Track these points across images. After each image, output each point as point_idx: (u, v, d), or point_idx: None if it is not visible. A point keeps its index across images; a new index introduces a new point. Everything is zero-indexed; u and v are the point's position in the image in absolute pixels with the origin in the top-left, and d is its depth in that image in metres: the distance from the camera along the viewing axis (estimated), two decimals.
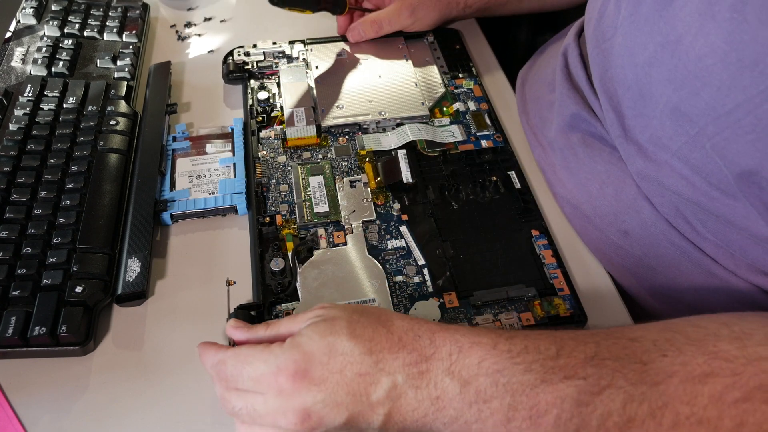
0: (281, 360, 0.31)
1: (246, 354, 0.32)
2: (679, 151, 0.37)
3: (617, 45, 0.41)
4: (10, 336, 0.38)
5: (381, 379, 0.30)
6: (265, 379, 0.31)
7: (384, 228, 0.46)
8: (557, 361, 0.30)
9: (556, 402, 0.29)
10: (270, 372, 0.31)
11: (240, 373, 0.32)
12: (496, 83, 0.61)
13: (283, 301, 0.42)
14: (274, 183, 0.49)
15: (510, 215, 0.47)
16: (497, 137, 0.53)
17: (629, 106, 0.40)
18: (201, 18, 0.67)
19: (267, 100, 0.56)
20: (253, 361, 0.32)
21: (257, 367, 0.31)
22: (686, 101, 0.35)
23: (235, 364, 0.32)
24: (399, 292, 0.43)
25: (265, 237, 0.45)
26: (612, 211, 0.44)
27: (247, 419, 0.32)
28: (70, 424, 0.37)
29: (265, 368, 0.31)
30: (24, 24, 0.61)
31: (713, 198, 0.36)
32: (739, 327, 0.30)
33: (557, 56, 0.52)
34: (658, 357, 0.29)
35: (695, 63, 0.33)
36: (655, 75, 0.37)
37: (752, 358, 0.28)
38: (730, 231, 0.37)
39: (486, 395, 0.30)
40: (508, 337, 0.32)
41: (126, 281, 0.42)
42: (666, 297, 0.43)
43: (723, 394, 0.27)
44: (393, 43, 0.61)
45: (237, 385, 0.32)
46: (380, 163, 0.51)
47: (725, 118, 0.32)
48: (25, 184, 0.46)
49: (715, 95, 0.33)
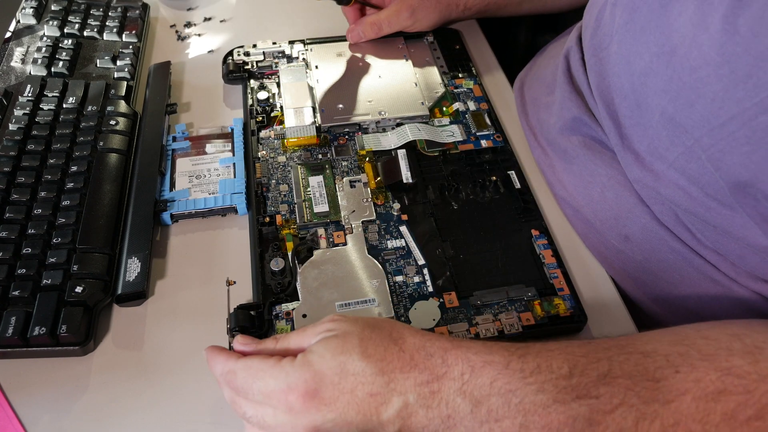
0: (292, 378, 0.31)
1: (257, 368, 0.32)
2: (675, 162, 0.37)
3: (613, 53, 0.41)
4: (10, 336, 0.38)
5: (392, 399, 0.30)
6: (275, 396, 0.31)
7: (384, 228, 0.46)
8: (570, 381, 0.30)
9: (569, 421, 0.29)
10: (280, 389, 0.31)
11: (250, 387, 0.32)
12: (496, 83, 0.61)
13: (283, 301, 0.42)
14: (273, 183, 0.49)
15: (510, 215, 0.47)
16: (497, 137, 0.53)
17: (626, 115, 0.40)
18: (201, 18, 0.67)
19: (267, 100, 0.56)
20: (264, 377, 0.31)
21: (268, 382, 0.31)
22: (681, 112, 0.35)
23: (245, 377, 0.32)
24: (399, 291, 0.43)
25: (265, 237, 0.45)
26: (613, 216, 0.44)
27: (257, 426, 0.32)
28: (70, 424, 0.37)
29: (275, 385, 0.31)
30: (24, 24, 0.61)
31: (710, 208, 0.36)
32: (751, 340, 0.30)
33: (556, 58, 0.52)
34: (671, 374, 0.29)
35: (689, 74, 0.33)
36: (651, 85, 0.37)
37: (764, 374, 0.28)
38: (729, 240, 0.37)
39: (498, 415, 0.29)
40: (520, 355, 0.31)
41: (126, 281, 0.42)
42: (667, 302, 0.43)
43: (736, 412, 0.27)
44: (393, 43, 0.61)
45: (247, 396, 0.32)
46: (380, 163, 0.51)
47: (719, 130, 0.32)
48: (25, 184, 0.46)
49: (709, 107, 0.33)
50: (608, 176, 0.44)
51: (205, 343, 0.41)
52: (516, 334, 0.40)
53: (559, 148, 0.48)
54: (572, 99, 0.47)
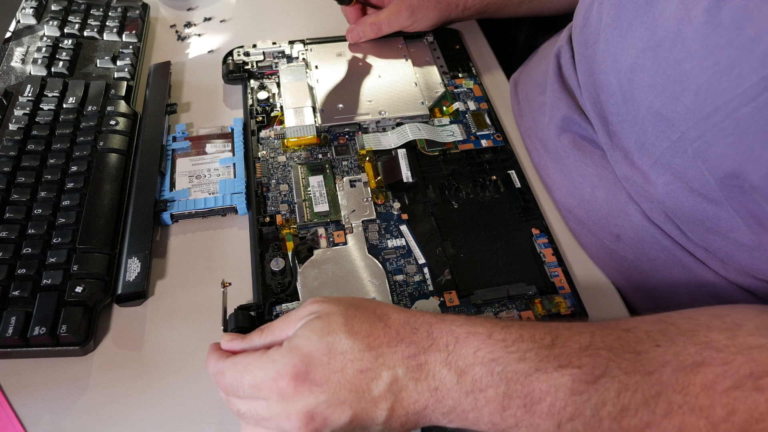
0: (280, 365, 0.31)
1: (244, 363, 0.32)
2: (662, 157, 0.37)
3: (600, 51, 0.41)
4: (10, 336, 0.38)
5: (382, 374, 0.30)
6: (266, 386, 0.31)
7: (384, 227, 0.46)
8: (552, 350, 0.30)
9: (550, 390, 0.29)
10: (270, 378, 0.31)
11: (240, 383, 0.32)
12: (495, 83, 0.61)
13: (284, 301, 0.42)
14: (274, 183, 0.49)
15: (510, 214, 0.47)
16: (497, 137, 0.53)
17: (614, 112, 0.40)
18: (201, 18, 0.67)
19: (267, 99, 0.56)
20: (252, 370, 0.32)
21: (256, 375, 0.31)
22: (667, 106, 0.35)
23: (233, 374, 0.32)
24: (399, 291, 0.43)
25: (265, 237, 0.45)
26: (604, 215, 0.44)
27: (252, 422, 0.32)
28: (70, 424, 0.37)
29: (264, 375, 0.31)
30: (24, 24, 0.61)
31: (696, 205, 0.36)
32: (731, 318, 0.30)
33: (548, 58, 0.52)
34: (651, 347, 0.30)
35: (674, 67, 0.33)
36: (637, 80, 0.37)
37: (742, 348, 0.28)
38: (716, 238, 0.37)
39: (482, 384, 0.30)
40: (503, 326, 0.32)
41: (126, 281, 0.42)
42: (659, 300, 0.43)
43: (714, 383, 0.27)
44: (393, 43, 0.61)
45: (238, 394, 0.32)
46: (380, 162, 0.51)
47: (705, 122, 0.33)
48: (25, 184, 0.46)
49: (694, 99, 0.33)
50: (599, 175, 0.44)
51: (204, 342, 0.41)
52: None
53: (551, 147, 0.48)
54: (562, 98, 0.47)
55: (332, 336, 0.31)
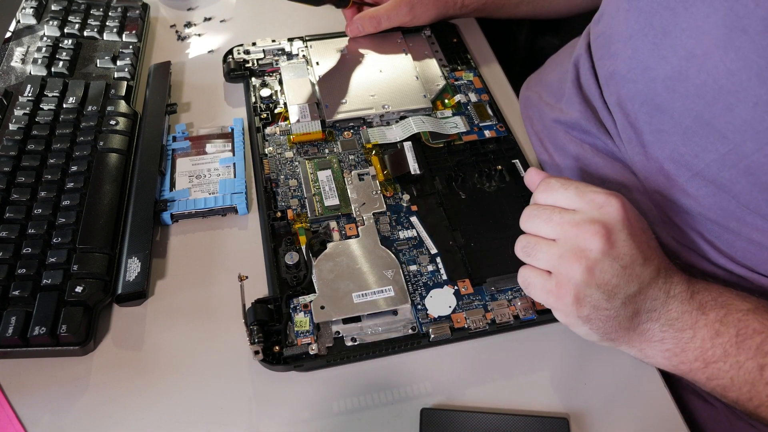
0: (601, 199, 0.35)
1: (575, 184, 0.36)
2: (705, 170, 0.36)
3: (627, 59, 0.40)
4: (10, 336, 0.38)
5: (654, 262, 0.34)
6: (587, 195, 0.35)
7: (395, 219, 0.47)
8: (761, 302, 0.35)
9: (764, 330, 0.33)
10: (591, 192, 0.35)
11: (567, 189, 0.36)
12: (494, 75, 0.61)
13: (300, 293, 0.42)
14: (282, 178, 0.49)
15: (517, 202, 0.48)
16: (500, 127, 0.53)
17: (645, 121, 0.40)
18: (201, 18, 0.67)
19: (270, 97, 0.56)
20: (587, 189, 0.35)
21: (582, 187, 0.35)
22: (720, 117, 0.34)
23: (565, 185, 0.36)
24: (414, 281, 0.43)
25: (277, 232, 0.45)
26: None
27: (554, 227, 0.35)
28: (70, 424, 0.37)
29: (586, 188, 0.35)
30: (24, 24, 0.61)
31: (741, 218, 0.36)
32: None
33: (563, 65, 0.52)
34: None
35: (727, 77, 0.33)
36: (679, 89, 0.36)
37: None
38: (761, 251, 0.36)
39: (706, 308, 0.34)
40: None
41: (126, 281, 0.42)
42: None
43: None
44: (391, 37, 0.60)
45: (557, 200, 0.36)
46: (387, 155, 0.51)
47: (765, 134, 0.32)
48: (25, 184, 0.46)
49: (752, 111, 0.32)
50: (618, 184, 0.44)
51: (204, 343, 0.41)
52: (530, 318, 0.41)
53: (568, 154, 0.48)
54: (581, 110, 0.47)
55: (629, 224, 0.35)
